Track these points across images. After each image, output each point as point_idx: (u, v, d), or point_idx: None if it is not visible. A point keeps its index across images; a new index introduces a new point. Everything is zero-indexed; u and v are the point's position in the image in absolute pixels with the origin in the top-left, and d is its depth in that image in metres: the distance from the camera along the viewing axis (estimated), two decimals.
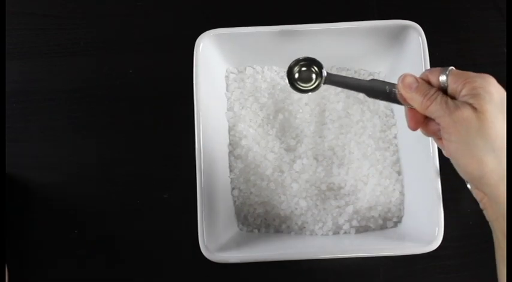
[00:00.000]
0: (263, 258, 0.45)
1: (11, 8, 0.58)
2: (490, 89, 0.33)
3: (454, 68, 0.36)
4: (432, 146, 0.45)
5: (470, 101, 0.33)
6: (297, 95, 0.53)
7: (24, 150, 0.55)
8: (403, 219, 0.51)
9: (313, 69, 0.42)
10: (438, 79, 0.35)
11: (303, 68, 0.42)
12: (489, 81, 0.33)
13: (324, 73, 0.41)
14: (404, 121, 0.52)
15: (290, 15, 0.58)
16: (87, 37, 0.58)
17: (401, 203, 0.51)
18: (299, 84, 0.42)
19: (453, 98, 0.35)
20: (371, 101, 0.53)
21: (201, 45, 0.48)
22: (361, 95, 0.53)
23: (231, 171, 0.52)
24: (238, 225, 0.52)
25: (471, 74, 0.34)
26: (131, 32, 0.58)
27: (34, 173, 0.55)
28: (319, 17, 0.49)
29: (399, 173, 0.52)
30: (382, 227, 0.51)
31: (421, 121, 0.37)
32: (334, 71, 0.54)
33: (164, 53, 0.57)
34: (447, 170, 0.46)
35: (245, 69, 0.54)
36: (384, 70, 0.54)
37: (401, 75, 0.37)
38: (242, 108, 0.53)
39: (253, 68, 0.54)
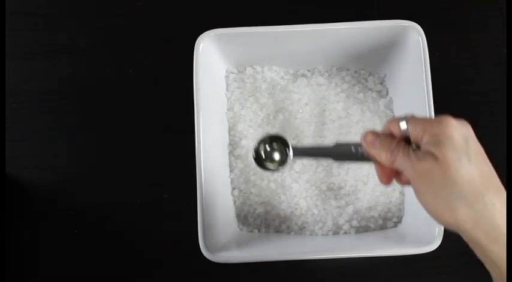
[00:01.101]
0: (263, 258, 0.45)
1: (11, 8, 0.58)
2: (449, 133, 0.32)
3: (413, 114, 0.35)
4: None
5: (431, 149, 0.32)
6: (297, 95, 0.53)
7: (24, 150, 0.55)
8: (403, 219, 0.51)
9: (276, 147, 0.42)
10: (399, 129, 0.35)
11: (268, 147, 0.42)
12: (448, 125, 0.32)
13: (290, 151, 0.41)
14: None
15: (290, 15, 0.58)
16: (87, 37, 0.58)
17: (401, 203, 0.51)
18: (267, 164, 0.42)
19: (417, 145, 0.34)
20: (371, 101, 0.53)
21: (201, 45, 0.48)
22: (361, 95, 0.54)
23: (231, 171, 0.52)
24: (238, 225, 0.52)
25: (429, 120, 0.34)
26: (131, 32, 0.58)
27: (34, 173, 0.55)
28: (319, 17, 0.49)
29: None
30: (382, 227, 0.51)
31: (392, 175, 0.37)
32: (334, 71, 0.54)
33: (164, 53, 0.57)
34: None
35: (245, 69, 0.54)
36: (384, 70, 0.54)
37: (363, 133, 0.37)
38: (242, 108, 0.53)
39: (253, 68, 0.54)
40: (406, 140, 0.35)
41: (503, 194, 0.32)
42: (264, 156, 0.42)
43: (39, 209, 0.54)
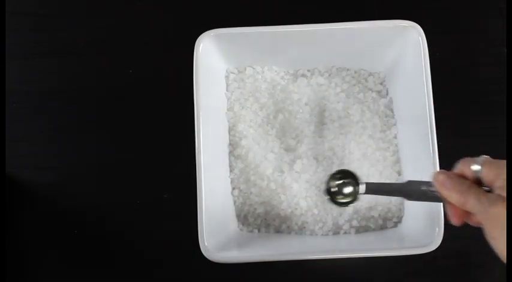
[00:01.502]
0: (263, 258, 0.45)
1: (11, 8, 0.58)
2: None
3: (487, 156, 0.35)
4: (432, 146, 0.45)
5: (503, 193, 0.32)
6: (297, 95, 0.53)
7: (24, 150, 0.55)
8: (403, 219, 0.51)
9: (347, 181, 0.43)
10: (471, 170, 0.34)
11: (338, 182, 0.43)
12: None
13: (362, 187, 0.42)
14: (405, 121, 0.52)
15: (290, 15, 0.58)
16: (87, 37, 0.58)
17: (402, 203, 0.51)
18: (337, 199, 0.43)
19: (490, 188, 0.34)
20: (371, 101, 0.53)
21: (201, 45, 0.48)
22: (361, 95, 0.54)
23: (231, 171, 0.52)
24: (238, 225, 0.52)
25: (501, 163, 0.33)
26: (131, 32, 0.58)
27: (34, 173, 0.55)
28: (319, 17, 0.49)
29: (399, 173, 0.52)
30: (382, 227, 0.51)
31: (463, 215, 0.36)
32: (334, 71, 0.54)
33: (164, 53, 0.57)
34: (447, 170, 0.46)
35: (245, 69, 0.54)
36: (384, 70, 0.54)
37: (434, 173, 0.37)
38: (242, 108, 0.53)
39: (253, 68, 0.54)
40: (477, 181, 0.35)
41: None
42: (335, 191, 0.43)
43: (39, 209, 0.54)
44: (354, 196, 0.43)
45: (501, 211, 0.31)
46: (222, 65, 0.53)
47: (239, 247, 0.47)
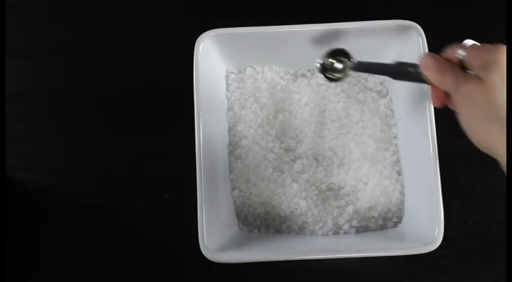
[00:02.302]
0: (263, 258, 0.45)
1: (11, 8, 0.58)
2: (500, 58, 0.33)
3: (472, 41, 0.37)
4: (432, 146, 0.45)
5: (479, 73, 0.34)
6: (297, 95, 0.53)
7: (24, 151, 0.56)
8: (403, 219, 0.51)
9: (341, 59, 0.45)
10: (456, 55, 0.37)
11: (332, 60, 0.45)
12: (500, 52, 0.34)
13: (354, 61, 0.44)
14: (405, 121, 0.52)
15: (290, 15, 0.58)
16: (87, 37, 0.58)
17: (401, 203, 0.51)
18: (331, 74, 0.45)
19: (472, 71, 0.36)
20: (371, 101, 0.53)
21: (201, 45, 0.48)
22: (361, 95, 0.53)
23: (231, 171, 0.52)
24: (238, 225, 0.52)
25: (484, 46, 0.36)
26: (131, 32, 0.58)
27: (34, 174, 0.55)
28: (319, 17, 0.49)
29: (399, 173, 0.52)
30: (382, 227, 0.51)
31: (442, 96, 0.39)
32: None
33: (164, 53, 0.57)
34: (447, 169, 0.46)
35: (245, 69, 0.54)
36: None
37: (423, 56, 0.39)
38: (242, 108, 0.53)
39: (253, 68, 0.54)
40: (462, 65, 0.37)
41: None
42: (328, 67, 0.45)
43: (39, 209, 0.54)
44: (345, 73, 0.45)
45: (472, 87, 0.34)
46: (222, 65, 0.53)
47: (239, 247, 0.47)
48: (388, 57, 0.52)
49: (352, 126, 0.52)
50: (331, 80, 0.46)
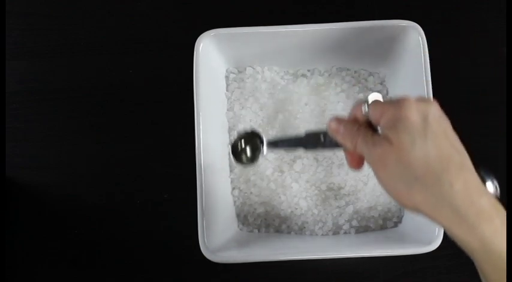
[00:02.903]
0: (263, 258, 0.45)
1: (11, 8, 0.58)
2: (404, 114, 0.30)
3: (376, 96, 0.34)
4: None
5: (387, 133, 0.31)
6: (297, 95, 0.53)
7: (24, 151, 0.55)
8: (403, 219, 0.51)
9: (253, 142, 0.43)
10: (361, 112, 0.34)
11: (243, 143, 0.43)
12: (404, 106, 0.31)
13: (264, 146, 0.42)
14: None
15: (290, 15, 0.58)
16: (87, 37, 0.58)
17: None
18: (244, 158, 0.43)
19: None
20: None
21: (201, 45, 0.48)
22: (361, 95, 0.53)
23: (231, 171, 0.52)
24: (238, 225, 0.52)
25: (388, 102, 0.33)
26: (131, 32, 0.58)
27: (34, 173, 0.55)
28: (319, 17, 0.49)
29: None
30: (382, 227, 0.51)
31: (361, 159, 0.36)
32: (334, 71, 0.54)
33: (164, 53, 0.57)
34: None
35: (245, 69, 0.54)
36: (384, 70, 0.54)
37: (328, 120, 0.36)
38: (242, 108, 0.53)
39: (253, 68, 0.54)
40: (369, 123, 0.34)
41: (466, 171, 0.30)
42: (240, 151, 0.43)
43: (39, 209, 0.54)
44: (258, 154, 0.43)
45: (382, 151, 0.31)
46: (222, 65, 0.53)
47: (239, 247, 0.47)
48: (388, 57, 0.52)
49: None
50: (244, 163, 0.44)
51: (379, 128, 0.33)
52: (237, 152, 0.44)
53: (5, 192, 0.54)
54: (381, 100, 0.34)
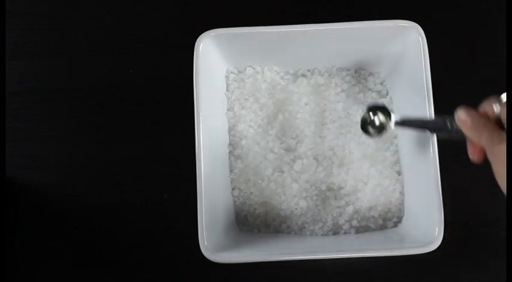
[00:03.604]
0: (263, 258, 0.45)
1: (11, 8, 0.58)
2: None
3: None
4: (432, 146, 0.45)
5: None
6: (297, 95, 0.53)
7: (24, 151, 0.55)
8: (403, 219, 0.51)
9: (382, 115, 0.45)
10: (493, 109, 0.35)
11: (373, 116, 0.46)
12: None
13: (392, 120, 0.44)
14: None
15: (290, 15, 0.58)
16: (87, 37, 0.58)
17: (402, 203, 0.51)
18: (372, 130, 0.46)
19: None
20: (371, 101, 0.53)
21: (201, 45, 0.48)
22: (361, 95, 0.54)
23: (231, 171, 0.52)
24: (238, 225, 0.52)
25: None
26: (131, 32, 0.58)
27: (34, 173, 0.55)
28: (320, 17, 0.49)
29: (399, 173, 0.52)
30: (382, 227, 0.51)
31: (481, 153, 0.37)
32: (334, 71, 0.54)
33: (164, 53, 0.57)
34: (447, 169, 0.46)
35: (245, 69, 0.54)
36: (384, 70, 0.54)
37: (457, 110, 0.38)
38: (242, 108, 0.53)
39: (253, 68, 0.54)
40: (498, 120, 0.35)
41: None
42: (368, 123, 0.46)
43: (39, 210, 0.54)
44: (386, 129, 0.45)
45: (505, 149, 0.32)
46: (222, 65, 0.53)
47: (239, 247, 0.47)
48: (388, 57, 0.52)
49: (352, 126, 0.52)
50: (371, 135, 0.46)
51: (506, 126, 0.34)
52: (365, 123, 0.46)
53: (5, 192, 0.54)
54: None
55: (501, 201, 0.53)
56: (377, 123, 0.45)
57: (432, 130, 0.42)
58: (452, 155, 0.49)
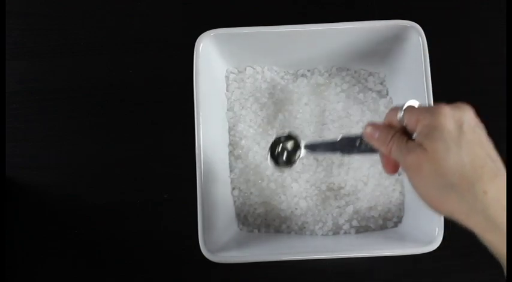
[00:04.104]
0: (263, 258, 0.45)
1: (11, 8, 0.58)
2: (440, 122, 0.31)
3: (412, 103, 0.34)
4: None
5: (422, 141, 0.32)
6: (297, 95, 0.53)
7: (24, 151, 0.55)
8: (403, 219, 0.51)
9: (289, 145, 0.44)
10: (397, 118, 0.34)
11: (280, 147, 0.44)
12: (439, 114, 0.31)
13: (301, 150, 0.43)
14: None
15: (290, 15, 0.58)
16: (87, 37, 0.58)
17: (402, 203, 0.51)
18: (280, 163, 0.44)
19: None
20: (371, 101, 0.53)
21: (201, 45, 0.48)
22: (361, 95, 0.53)
23: (231, 171, 0.52)
24: (238, 225, 0.52)
25: (423, 109, 0.33)
26: (131, 32, 0.58)
27: (34, 173, 0.55)
28: (320, 17, 0.49)
29: (399, 173, 0.52)
30: (382, 227, 0.51)
31: (396, 164, 0.36)
32: (334, 71, 0.54)
33: (164, 53, 0.57)
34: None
35: (245, 69, 0.54)
36: (384, 70, 0.54)
37: (364, 126, 0.36)
38: (242, 108, 0.53)
39: (253, 68, 0.54)
40: (404, 130, 0.34)
41: (501, 178, 0.31)
42: (277, 155, 0.44)
43: (39, 210, 0.54)
44: (295, 158, 0.44)
45: (416, 159, 0.31)
46: (222, 65, 0.53)
47: (239, 247, 0.47)
48: (388, 57, 0.52)
49: (352, 126, 0.52)
50: (280, 166, 0.44)
51: (414, 134, 0.33)
52: (274, 155, 0.44)
53: (5, 192, 0.54)
54: (416, 107, 0.34)
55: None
56: (285, 155, 0.44)
57: (342, 151, 0.40)
58: None
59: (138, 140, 0.55)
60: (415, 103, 0.35)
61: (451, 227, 0.45)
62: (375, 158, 0.52)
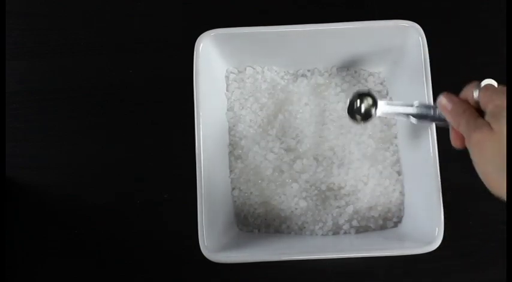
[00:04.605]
0: (263, 258, 0.45)
1: (11, 8, 0.58)
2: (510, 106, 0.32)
3: (490, 81, 0.35)
4: (432, 146, 0.45)
5: (490, 120, 0.32)
6: (297, 95, 0.53)
7: (24, 151, 0.56)
8: (403, 219, 0.51)
9: (367, 102, 0.45)
10: (473, 95, 0.35)
11: (360, 102, 0.46)
12: None
13: (378, 106, 0.45)
14: (405, 121, 0.52)
15: (290, 15, 0.58)
16: (87, 37, 0.58)
17: (401, 203, 0.51)
18: (357, 117, 0.46)
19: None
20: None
21: (201, 45, 0.48)
22: None
23: (231, 171, 0.52)
24: (238, 225, 0.52)
25: (498, 90, 0.33)
26: (131, 32, 0.58)
27: (34, 173, 0.55)
28: (320, 17, 0.49)
29: (399, 173, 0.52)
30: (382, 227, 0.51)
31: (462, 139, 0.37)
32: (334, 71, 0.54)
33: (164, 53, 0.57)
34: (447, 170, 0.46)
35: (245, 69, 0.54)
36: (384, 70, 0.54)
37: (439, 96, 0.37)
38: (242, 108, 0.53)
39: (253, 68, 0.54)
40: (478, 107, 0.35)
41: None
42: (354, 110, 0.46)
43: (39, 210, 0.54)
44: (370, 115, 0.45)
45: (481, 137, 0.32)
46: (222, 65, 0.53)
47: (239, 247, 0.47)
48: (388, 58, 0.52)
49: (352, 126, 0.52)
50: (357, 120, 0.46)
51: (486, 112, 0.34)
52: (352, 110, 0.46)
53: (5, 192, 0.54)
54: (495, 85, 0.35)
55: (501, 201, 0.53)
56: (363, 110, 0.45)
57: (417, 117, 0.43)
58: (452, 155, 0.49)
59: (138, 140, 0.55)
60: (494, 82, 0.35)
61: (451, 227, 0.46)
62: (375, 158, 0.52)
